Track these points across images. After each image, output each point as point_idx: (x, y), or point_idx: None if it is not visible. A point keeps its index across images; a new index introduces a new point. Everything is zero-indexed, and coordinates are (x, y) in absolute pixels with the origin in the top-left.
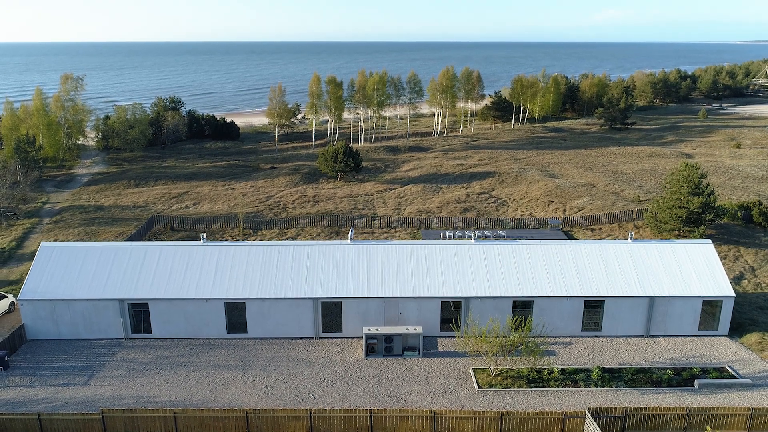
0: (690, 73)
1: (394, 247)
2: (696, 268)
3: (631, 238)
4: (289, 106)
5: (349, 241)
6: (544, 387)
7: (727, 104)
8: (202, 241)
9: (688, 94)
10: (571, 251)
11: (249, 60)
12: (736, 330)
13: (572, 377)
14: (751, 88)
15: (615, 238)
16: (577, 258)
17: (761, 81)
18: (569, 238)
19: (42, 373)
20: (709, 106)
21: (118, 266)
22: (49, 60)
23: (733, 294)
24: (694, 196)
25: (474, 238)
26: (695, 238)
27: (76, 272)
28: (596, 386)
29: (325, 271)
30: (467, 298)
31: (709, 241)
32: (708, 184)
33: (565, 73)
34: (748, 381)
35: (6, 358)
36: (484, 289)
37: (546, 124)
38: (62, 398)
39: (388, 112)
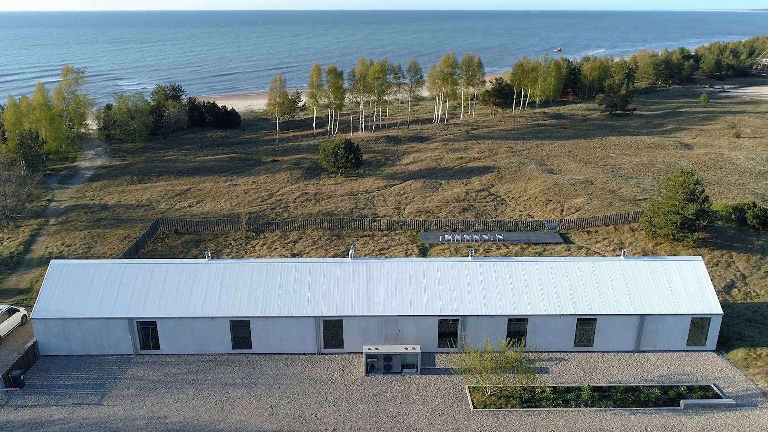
0: (693, 53)
1: (393, 264)
2: (686, 286)
3: (623, 255)
4: (290, 94)
5: (349, 258)
6: (536, 407)
7: (729, 86)
8: (207, 258)
9: (691, 75)
10: (564, 269)
11: (271, 32)
12: (724, 344)
13: (563, 396)
14: (754, 67)
15: (611, 242)
16: (571, 276)
17: (765, 61)
18: (565, 242)
19: (56, 392)
20: (712, 89)
21: (126, 284)
22: (64, 32)
23: (721, 312)
24: (688, 203)
25: (471, 256)
26: (689, 243)
27: (86, 290)
28: (586, 406)
29: (326, 289)
30: (464, 317)
31: (700, 258)
32: (703, 191)
33: (586, 49)
34: (732, 401)
35: (22, 377)
36: (480, 308)
37: (546, 110)
38: (77, 419)
39: (388, 97)
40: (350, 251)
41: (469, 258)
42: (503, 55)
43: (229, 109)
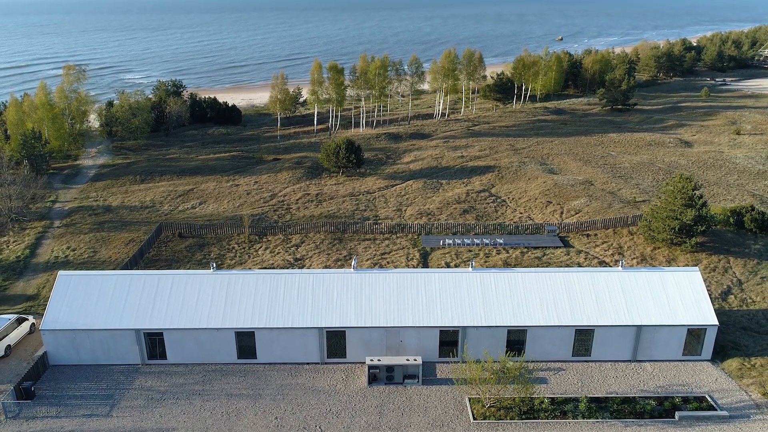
0: (695, 43)
1: (395, 275)
2: (682, 297)
3: (621, 266)
4: (291, 90)
5: (352, 269)
6: (534, 418)
7: (731, 78)
8: (212, 269)
9: (693, 67)
10: (563, 280)
11: (280, 20)
12: (719, 353)
13: (561, 408)
14: (756, 59)
15: (609, 245)
16: (570, 287)
17: (766, 52)
18: (565, 245)
19: (66, 402)
20: (713, 82)
21: (133, 295)
22: (69, 19)
23: (717, 323)
24: (687, 209)
25: (471, 266)
26: (687, 248)
27: (94, 301)
28: (583, 417)
29: (329, 300)
30: (464, 328)
31: (697, 268)
32: (701, 196)
33: (598, 37)
34: (725, 413)
35: (32, 388)
36: (480, 319)
37: (547, 105)
38: (87, 430)
39: (390, 92)
40: (353, 262)
41: (470, 269)
42: (515, 43)
43: (230, 105)
